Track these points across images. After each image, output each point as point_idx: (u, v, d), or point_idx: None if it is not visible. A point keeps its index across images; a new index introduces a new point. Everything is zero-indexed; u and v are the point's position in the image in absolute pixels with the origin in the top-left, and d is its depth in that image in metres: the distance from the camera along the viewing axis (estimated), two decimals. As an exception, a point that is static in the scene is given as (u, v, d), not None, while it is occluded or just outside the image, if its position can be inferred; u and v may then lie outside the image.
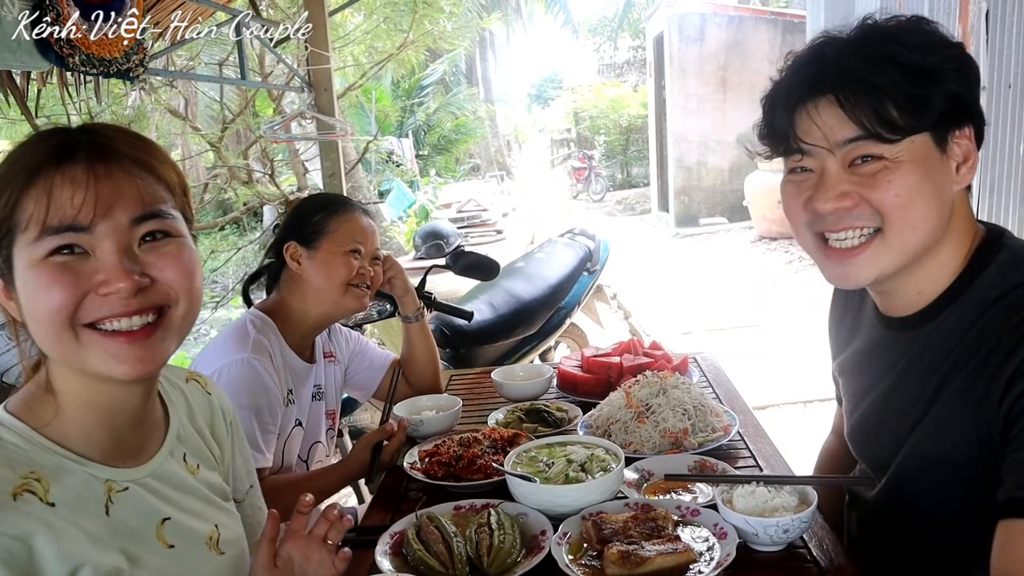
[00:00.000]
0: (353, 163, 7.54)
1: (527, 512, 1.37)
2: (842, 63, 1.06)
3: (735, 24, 11.57)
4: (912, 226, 1.07)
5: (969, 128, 1.09)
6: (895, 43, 1.05)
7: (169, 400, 1.09)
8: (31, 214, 0.85)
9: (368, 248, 1.89)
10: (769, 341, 5.87)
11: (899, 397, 1.20)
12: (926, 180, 1.06)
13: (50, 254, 0.85)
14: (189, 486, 1.05)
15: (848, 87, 1.04)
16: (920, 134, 1.05)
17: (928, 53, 1.04)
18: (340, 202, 1.93)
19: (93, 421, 0.94)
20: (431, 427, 1.85)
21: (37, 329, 0.88)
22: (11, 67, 2.14)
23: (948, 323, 1.12)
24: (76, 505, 0.89)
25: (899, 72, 1.03)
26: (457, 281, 3.41)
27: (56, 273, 0.85)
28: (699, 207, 12.04)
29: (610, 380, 2.01)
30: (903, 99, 1.03)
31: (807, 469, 1.66)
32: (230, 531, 1.09)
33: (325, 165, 3.92)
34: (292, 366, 1.83)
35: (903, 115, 1.03)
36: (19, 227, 0.86)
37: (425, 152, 15.65)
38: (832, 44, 1.10)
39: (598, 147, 20.17)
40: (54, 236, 0.85)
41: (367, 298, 1.91)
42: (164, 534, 0.98)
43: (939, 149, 1.07)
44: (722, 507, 1.28)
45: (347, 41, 7.12)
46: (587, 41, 28.61)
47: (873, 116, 1.03)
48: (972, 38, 4.22)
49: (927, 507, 1.17)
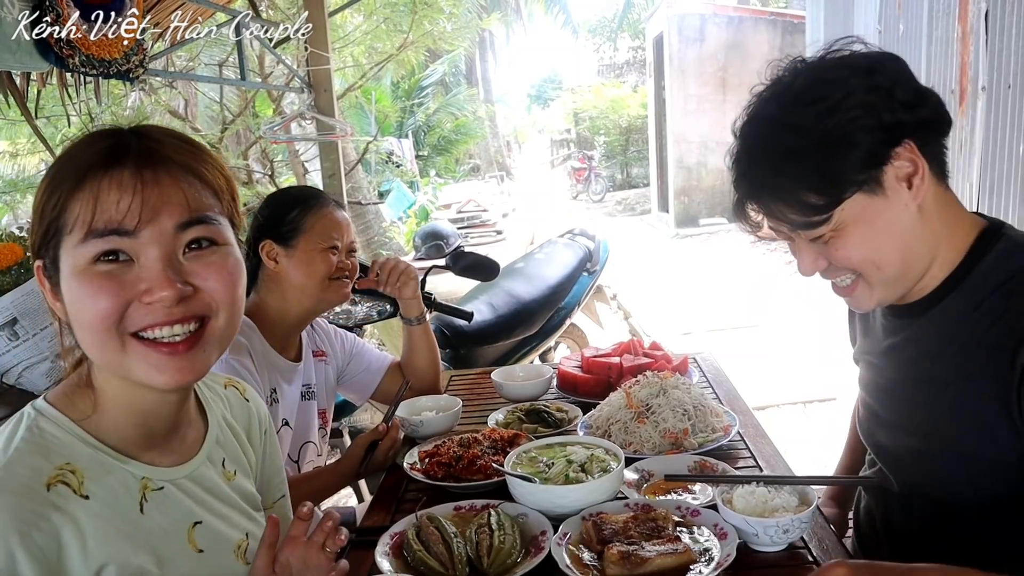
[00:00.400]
0: (353, 164, 7.54)
1: (527, 512, 1.37)
2: (753, 173, 1.15)
3: (735, 25, 11.57)
4: (879, 268, 1.13)
5: (907, 144, 1.07)
6: (788, 130, 1.08)
7: (207, 404, 1.10)
8: (77, 216, 0.85)
9: (345, 242, 1.89)
10: (769, 341, 5.87)
11: (901, 383, 1.23)
12: (873, 231, 1.10)
13: (95, 260, 0.86)
14: (223, 492, 1.06)
15: (760, 197, 1.16)
16: (847, 200, 1.08)
17: (822, 122, 1.06)
18: (313, 196, 1.91)
19: (130, 420, 0.94)
20: (431, 428, 1.85)
21: (83, 334, 0.89)
22: (11, 68, 2.14)
23: (949, 308, 1.15)
24: (110, 500, 0.89)
25: (797, 164, 1.08)
26: (457, 282, 3.41)
27: (101, 281, 0.85)
28: (699, 208, 12.04)
29: (610, 380, 2.01)
30: (811, 185, 1.08)
31: (807, 469, 1.67)
32: (258, 542, 1.09)
33: (325, 166, 3.92)
34: (275, 365, 1.82)
35: (820, 196, 1.08)
36: (66, 229, 0.86)
37: (425, 153, 15.66)
38: (749, 140, 1.16)
39: (598, 148, 20.17)
40: (99, 239, 0.85)
41: (348, 288, 1.91)
42: (195, 538, 0.98)
43: (876, 195, 1.09)
44: (722, 507, 1.28)
45: (347, 42, 7.11)
46: (587, 41, 28.63)
47: (791, 212, 1.11)
48: (971, 38, 4.22)
49: (939, 493, 1.18)
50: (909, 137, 1.08)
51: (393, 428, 1.76)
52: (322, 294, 1.85)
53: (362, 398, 2.18)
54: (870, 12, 5.46)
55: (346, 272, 1.89)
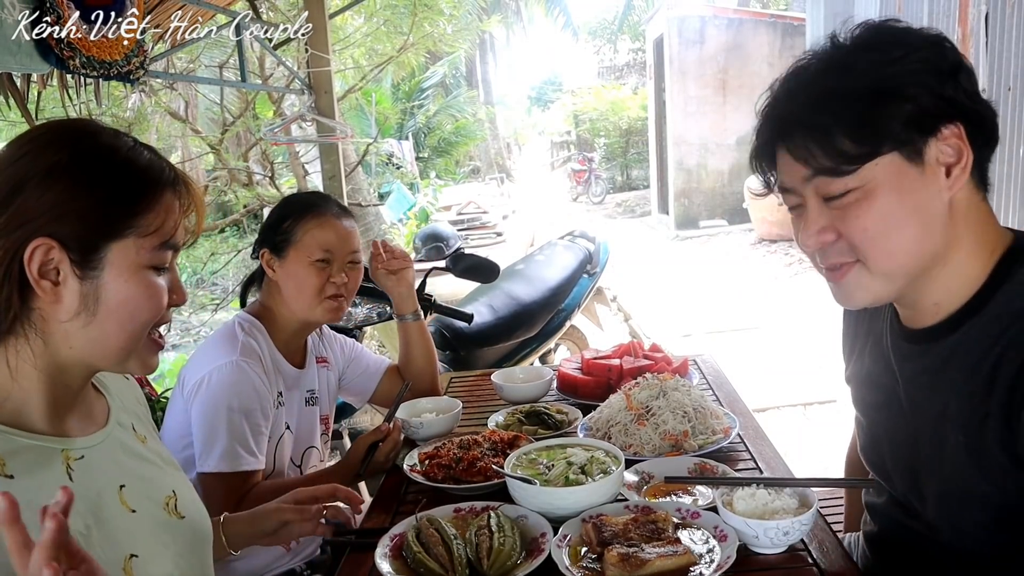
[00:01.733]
0: (353, 165, 7.53)
1: (527, 514, 1.37)
2: (789, 108, 1.06)
3: (735, 27, 11.58)
4: (889, 254, 1.04)
5: (957, 126, 1.00)
6: (841, 71, 1.02)
7: (100, 382, 1.14)
8: (152, 225, 0.96)
9: (340, 254, 1.82)
10: (769, 343, 5.87)
11: (914, 415, 1.14)
12: (899, 204, 1.01)
13: (150, 266, 0.98)
14: (141, 453, 1.11)
15: (792, 134, 1.05)
16: (883, 156, 1.00)
17: (879, 70, 1.00)
18: (311, 205, 1.84)
19: (44, 398, 0.97)
20: (431, 429, 1.85)
21: (121, 325, 0.96)
22: (11, 70, 2.14)
23: (969, 338, 1.05)
24: (36, 474, 0.92)
25: (842, 104, 1.00)
26: (457, 283, 3.41)
27: (158, 284, 0.99)
28: (699, 209, 12.04)
29: (610, 382, 2.01)
30: (850, 129, 1.00)
31: (807, 471, 1.66)
32: (186, 496, 1.15)
33: (325, 167, 3.92)
34: (281, 370, 1.82)
35: (855, 144, 1.00)
36: (135, 231, 0.95)
37: (425, 154, 15.66)
38: (790, 81, 1.08)
39: (598, 149, 20.17)
40: (167, 250, 0.99)
41: (341, 309, 1.84)
42: (125, 499, 1.02)
43: (913, 164, 1.01)
44: (722, 509, 1.28)
45: (347, 44, 7.12)
46: (587, 44, 28.63)
47: (822, 154, 1.02)
48: (971, 41, 4.22)
49: (949, 538, 1.11)
50: (961, 120, 1.01)
51: (394, 429, 1.75)
52: (310, 312, 1.81)
53: (361, 400, 2.18)
54: (870, 14, 5.48)
55: (339, 291, 1.81)
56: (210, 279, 9.87)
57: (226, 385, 1.65)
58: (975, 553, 1.07)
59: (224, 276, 9.96)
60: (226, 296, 8.67)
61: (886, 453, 1.23)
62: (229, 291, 9.08)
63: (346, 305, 1.87)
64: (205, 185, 7.51)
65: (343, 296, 1.83)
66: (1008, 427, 0.98)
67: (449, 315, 2.59)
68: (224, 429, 1.63)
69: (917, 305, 1.12)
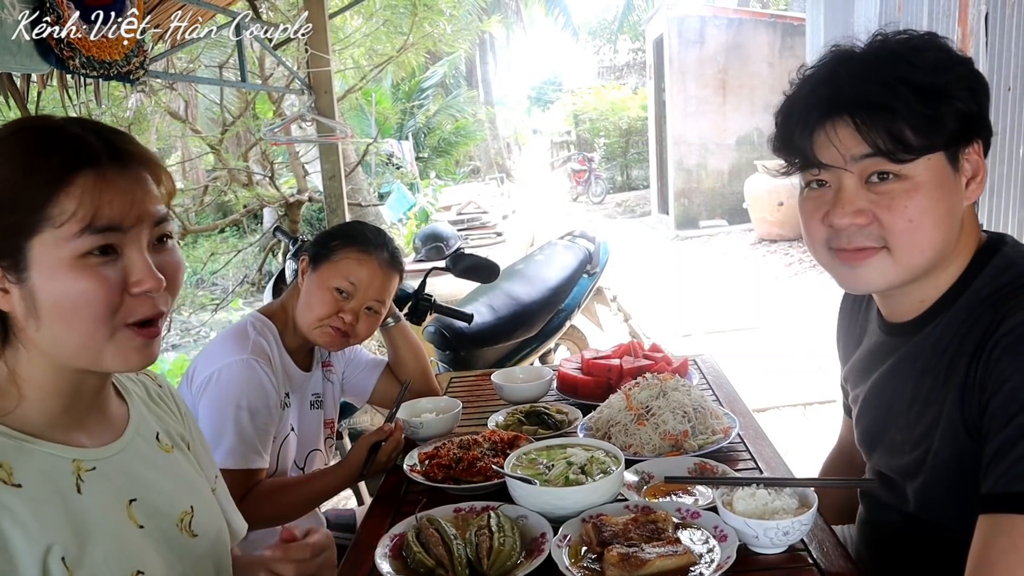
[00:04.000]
0: (353, 165, 7.54)
1: (527, 514, 1.37)
2: (857, 85, 1.07)
3: (735, 27, 11.57)
4: (922, 249, 1.09)
5: (978, 143, 1.10)
6: (907, 64, 1.06)
7: (124, 388, 1.12)
8: (69, 211, 0.87)
9: (363, 295, 1.79)
10: (769, 343, 5.86)
11: (896, 402, 1.21)
12: (939, 202, 1.08)
13: (86, 254, 0.89)
14: (160, 465, 1.08)
15: (864, 109, 1.06)
16: (934, 154, 1.06)
17: (940, 73, 1.06)
18: (364, 240, 1.82)
19: (56, 405, 0.96)
20: (431, 429, 1.85)
21: (67, 323, 0.90)
22: (11, 70, 2.14)
23: (942, 326, 1.13)
24: (44, 485, 0.90)
25: (912, 93, 1.04)
26: (457, 283, 3.41)
27: (99, 274, 0.89)
28: (699, 209, 12.04)
29: (610, 382, 2.01)
30: (917, 120, 1.04)
31: (807, 471, 1.66)
32: (206, 515, 1.11)
33: (325, 167, 3.92)
34: (288, 371, 1.82)
35: (917, 135, 1.05)
36: (50, 222, 0.87)
37: (425, 154, 15.64)
38: (846, 63, 1.11)
39: (598, 149, 20.18)
40: (97, 235, 0.89)
41: (339, 344, 1.82)
42: (134, 514, 1.00)
43: (952, 168, 1.09)
44: (722, 509, 1.28)
45: (347, 44, 7.12)
46: (587, 44, 28.64)
47: (888, 137, 1.05)
48: (971, 40, 4.22)
49: (935, 516, 1.16)
50: (982, 139, 1.11)
51: (396, 429, 1.76)
52: (309, 330, 1.80)
53: (361, 400, 2.18)
54: (870, 14, 5.47)
55: (342, 327, 1.78)
56: (210, 279, 9.88)
57: (235, 382, 1.66)
58: (956, 534, 1.10)
59: (224, 276, 9.97)
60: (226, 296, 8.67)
61: (874, 441, 1.29)
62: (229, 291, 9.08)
63: (350, 343, 1.84)
64: (205, 185, 7.52)
65: (348, 334, 1.80)
66: (962, 397, 1.05)
67: (449, 315, 2.59)
68: (231, 426, 1.64)
69: (903, 299, 1.19)
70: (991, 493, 0.96)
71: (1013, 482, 0.94)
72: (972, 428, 1.05)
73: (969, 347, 1.07)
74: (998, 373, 1.00)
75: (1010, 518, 0.93)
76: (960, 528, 1.02)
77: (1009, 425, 0.96)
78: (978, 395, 1.03)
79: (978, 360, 1.04)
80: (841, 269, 1.16)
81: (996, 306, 1.06)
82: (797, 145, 1.13)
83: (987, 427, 1.01)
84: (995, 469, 0.97)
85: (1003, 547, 0.93)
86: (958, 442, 1.07)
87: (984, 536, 0.96)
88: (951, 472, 1.10)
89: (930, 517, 1.18)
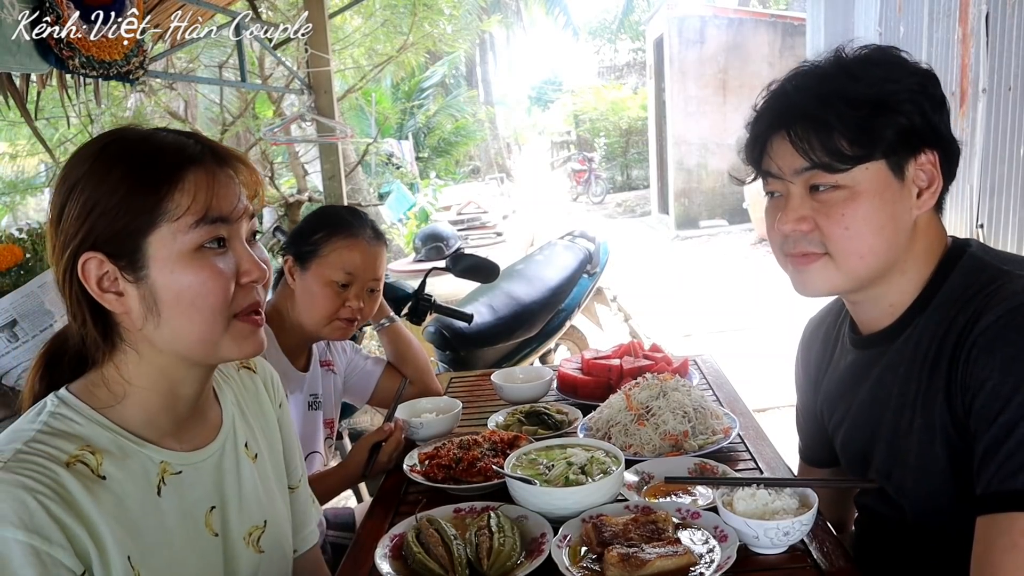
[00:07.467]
0: (353, 165, 7.54)
1: (527, 515, 1.36)
2: (798, 100, 1.13)
3: (735, 27, 11.58)
4: (860, 256, 1.13)
5: (933, 154, 1.12)
6: (849, 77, 1.11)
7: (220, 388, 1.13)
8: (183, 205, 0.92)
9: (362, 278, 1.79)
10: (769, 343, 5.86)
11: (885, 413, 1.21)
12: (879, 211, 1.11)
13: (200, 247, 0.93)
14: (244, 475, 1.09)
15: (800, 123, 1.12)
16: (873, 162, 1.09)
17: (883, 85, 1.09)
18: (346, 224, 1.81)
19: (156, 404, 0.98)
20: (431, 429, 1.85)
21: (188, 317, 0.93)
22: (11, 69, 2.14)
23: (919, 329, 1.15)
24: (127, 482, 0.92)
25: (847, 106, 1.08)
26: (457, 283, 3.41)
27: (216, 264, 0.94)
28: (699, 209, 12.05)
29: (610, 382, 2.00)
30: (850, 131, 1.08)
31: (807, 472, 1.66)
32: (276, 530, 1.13)
33: (325, 167, 3.92)
34: (284, 372, 1.82)
35: (852, 146, 1.09)
36: (166, 217, 0.91)
37: (425, 154, 15.64)
38: (795, 78, 1.16)
39: (598, 149, 20.18)
40: (210, 226, 0.93)
41: (351, 331, 1.83)
42: (211, 522, 1.02)
43: (896, 177, 1.11)
44: (722, 510, 1.27)
45: (347, 44, 7.12)
46: (587, 43, 28.65)
47: (822, 150, 1.09)
48: (972, 40, 4.22)
49: (932, 521, 1.16)
50: (938, 148, 1.12)
51: (397, 429, 1.75)
52: (318, 329, 1.80)
53: (361, 401, 2.18)
54: (870, 14, 5.47)
55: (352, 316, 1.79)
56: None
57: None
58: (946, 533, 1.12)
59: (224, 276, 9.95)
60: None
61: (859, 454, 1.30)
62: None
63: (357, 327, 1.85)
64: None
65: (356, 320, 1.81)
66: (949, 400, 1.07)
67: (449, 315, 2.59)
68: None
69: (871, 305, 1.22)
70: (985, 494, 0.97)
71: (1006, 480, 0.95)
72: (961, 430, 1.06)
73: (948, 348, 1.08)
74: (978, 373, 1.01)
75: (1007, 517, 0.94)
76: (958, 532, 1.03)
77: (994, 424, 0.97)
78: (962, 396, 1.04)
79: (958, 361, 1.05)
80: (792, 272, 1.21)
81: (969, 304, 1.07)
82: (751, 158, 1.21)
83: (974, 428, 1.02)
84: (986, 470, 0.98)
85: (1004, 547, 0.93)
86: (950, 444, 1.08)
87: (984, 538, 0.96)
88: (947, 475, 1.10)
89: (928, 523, 1.18)
